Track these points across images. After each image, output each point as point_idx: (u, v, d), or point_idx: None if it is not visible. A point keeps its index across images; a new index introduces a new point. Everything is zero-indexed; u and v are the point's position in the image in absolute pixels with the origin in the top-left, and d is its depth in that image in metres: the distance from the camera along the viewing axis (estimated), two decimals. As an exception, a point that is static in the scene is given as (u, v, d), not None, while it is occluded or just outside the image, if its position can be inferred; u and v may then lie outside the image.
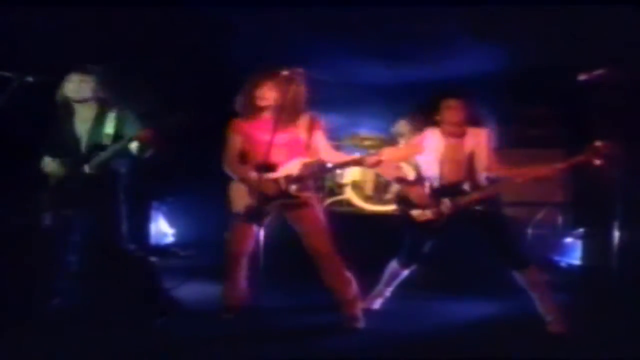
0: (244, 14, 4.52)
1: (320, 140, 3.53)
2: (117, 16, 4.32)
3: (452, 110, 3.57)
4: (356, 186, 5.61)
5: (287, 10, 4.36)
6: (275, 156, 3.35)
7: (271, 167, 3.35)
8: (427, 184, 3.64)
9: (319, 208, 3.57)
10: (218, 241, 5.73)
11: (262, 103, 3.43)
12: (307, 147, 3.49)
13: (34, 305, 3.45)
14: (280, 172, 3.42)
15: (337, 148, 4.30)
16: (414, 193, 3.63)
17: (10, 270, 3.51)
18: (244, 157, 3.56)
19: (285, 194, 3.41)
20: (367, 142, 5.76)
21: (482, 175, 3.59)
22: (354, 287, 3.52)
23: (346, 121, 6.05)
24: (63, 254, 3.60)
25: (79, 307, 3.58)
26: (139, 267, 3.70)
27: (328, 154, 3.57)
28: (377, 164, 3.43)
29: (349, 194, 5.57)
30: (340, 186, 5.63)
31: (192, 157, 5.37)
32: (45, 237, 3.52)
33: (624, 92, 4.92)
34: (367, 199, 5.57)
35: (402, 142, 5.50)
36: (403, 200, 3.72)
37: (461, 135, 3.60)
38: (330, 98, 4.00)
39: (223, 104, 3.66)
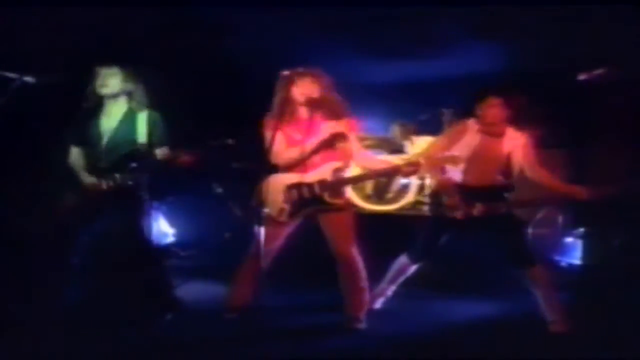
0: (244, 14, 4.52)
1: (356, 144, 3.51)
2: (117, 16, 4.32)
3: (493, 109, 3.49)
4: (356, 186, 5.60)
5: (288, 10, 4.36)
6: (311, 159, 3.36)
7: (303, 169, 3.36)
8: (459, 185, 3.54)
9: (352, 214, 3.56)
10: (219, 241, 5.77)
11: (298, 102, 3.41)
12: (343, 151, 3.46)
13: (42, 304, 3.45)
14: (314, 176, 3.42)
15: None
16: (448, 196, 3.52)
17: (20, 270, 3.51)
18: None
19: (319, 200, 3.42)
20: (366, 142, 5.75)
21: (515, 179, 3.53)
22: (366, 296, 3.54)
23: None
24: (74, 253, 3.59)
25: (86, 306, 3.58)
26: (155, 268, 3.69)
27: (363, 159, 3.58)
28: (414, 173, 3.43)
29: (349, 194, 5.56)
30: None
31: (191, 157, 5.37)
32: (54, 237, 3.50)
33: (624, 92, 4.93)
34: (367, 198, 5.56)
35: (407, 145, 5.52)
36: (435, 197, 3.65)
37: (500, 135, 3.52)
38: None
39: (222, 105, 3.67)
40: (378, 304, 3.88)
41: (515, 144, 3.54)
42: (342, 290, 3.50)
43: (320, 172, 3.43)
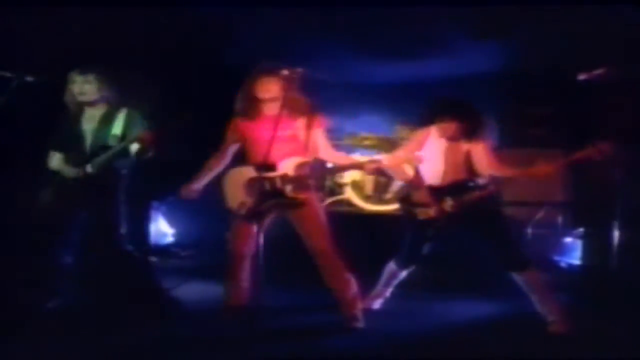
0: (244, 14, 4.51)
1: (320, 139, 3.50)
2: (117, 16, 4.32)
3: (444, 129, 3.56)
4: (356, 186, 5.61)
5: (287, 10, 4.36)
6: (274, 155, 3.33)
7: (270, 166, 3.34)
8: (428, 184, 3.63)
9: (319, 208, 3.55)
10: (218, 241, 5.76)
11: (262, 100, 3.42)
12: (306, 145, 3.44)
13: (33, 305, 3.45)
14: (277, 171, 3.40)
15: (337, 148, 4.29)
16: (418, 194, 3.62)
17: (10, 269, 3.51)
18: (244, 156, 3.56)
19: (281, 194, 3.40)
20: (366, 142, 5.76)
21: (483, 175, 3.58)
22: (354, 287, 3.52)
23: (346, 121, 6.05)
24: (62, 253, 3.60)
25: (77, 307, 3.58)
26: (137, 267, 3.71)
27: (328, 153, 3.56)
28: (376, 170, 3.44)
29: (349, 194, 5.57)
30: (340, 186, 5.63)
31: (192, 157, 5.37)
32: (45, 236, 3.52)
33: (624, 92, 4.92)
34: (367, 198, 5.57)
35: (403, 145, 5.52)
36: (405, 199, 3.72)
37: (457, 139, 3.58)
38: (330, 98, 3.99)
39: (224, 104, 3.66)
40: (377, 304, 3.89)
41: (473, 146, 3.58)
42: (330, 288, 3.48)
43: (284, 166, 3.40)
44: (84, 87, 3.55)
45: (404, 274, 3.83)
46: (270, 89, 3.39)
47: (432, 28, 4.72)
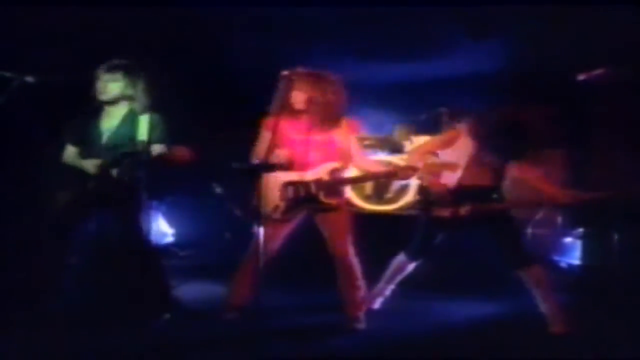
0: (244, 14, 4.51)
1: (354, 145, 3.52)
2: (118, 16, 4.32)
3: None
4: (356, 186, 5.60)
5: (287, 10, 4.36)
6: (309, 159, 3.36)
7: (304, 171, 3.37)
8: (449, 184, 3.57)
9: (348, 214, 3.58)
10: (218, 241, 5.77)
11: (298, 104, 3.41)
12: (342, 152, 3.48)
13: (41, 304, 3.44)
14: (311, 175, 3.42)
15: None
16: (436, 192, 3.57)
17: (18, 269, 3.51)
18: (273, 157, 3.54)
19: (314, 199, 3.42)
20: (366, 142, 5.76)
21: (506, 183, 3.54)
22: (363, 292, 3.56)
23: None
24: (74, 252, 3.58)
25: (86, 306, 3.57)
26: (154, 267, 3.69)
27: (362, 161, 3.58)
28: (412, 175, 3.45)
29: (349, 194, 5.56)
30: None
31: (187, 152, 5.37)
32: (57, 235, 3.50)
33: (624, 92, 4.92)
34: (367, 198, 5.56)
35: (407, 145, 5.52)
36: (424, 192, 3.68)
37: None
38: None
39: (224, 104, 3.66)
40: (377, 303, 3.88)
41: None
42: (339, 289, 3.51)
43: (317, 171, 3.44)
44: (107, 86, 3.50)
45: (410, 268, 3.80)
46: (306, 94, 3.38)
47: (432, 28, 4.72)
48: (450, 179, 3.60)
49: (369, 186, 5.61)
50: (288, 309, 3.83)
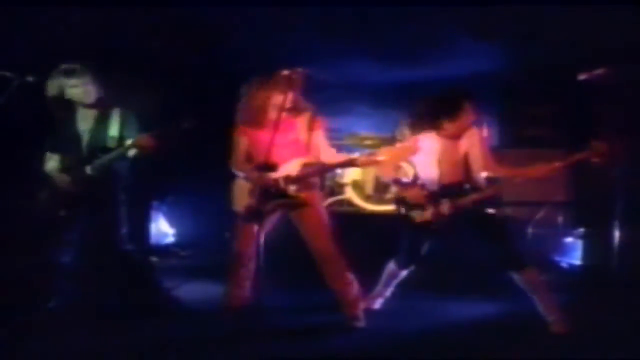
0: (244, 14, 4.51)
1: (320, 140, 3.52)
2: (116, 16, 4.32)
3: (470, 112, 3.51)
4: (356, 186, 5.61)
5: (287, 10, 4.36)
6: (277, 156, 3.35)
7: (272, 167, 3.35)
8: (424, 185, 3.61)
9: (321, 208, 3.57)
10: (218, 241, 5.77)
11: (265, 107, 3.41)
12: (308, 147, 3.49)
13: (32, 306, 3.45)
14: (280, 172, 3.42)
15: (337, 148, 4.29)
16: (411, 194, 3.59)
17: (10, 270, 3.51)
18: (249, 159, 3.57)
19: (284, 194, 3.41)
20: (367, 142, 5.76)
21: (480, 176, 3.56)
22: (356, 287, 3.53)
23: (346, 121, 6.05)
24: (62, 253, 3.60)
25: (76, 307, 3.58)
26: (137, 267, 3.71)
27: (326, 153, 3.57)
28: (370, 163, 3.44)
29: (349, 194, 5.57)
30: (341, 186, 5.64)
31: (192, 157, 5.38)
32: (43, 237, 3.52)
33: (624, 92, 4.93)
34: (367, 198, 5.57)
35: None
36: (401, 201, 3.70)
37: (457, 136, 3.56)
38: (330, 98, 4.00)
39: (222, 105, 3.67)
40: (377, 304, 3.89)
41: (471, 144, 3.55)
42: (331, 288, 3.49)
43: (287, 167, 3.44)
44: (84, 90, 3.52)
45: (403, 273, 3.82)
46: (272, 96, 3.38)
47: (432, 28, 4.72)
48: (424, 179, 3.62)
49: (369, 186, 5.62)
50: (288, 309, 3.83)
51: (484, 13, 4.35)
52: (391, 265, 3.83)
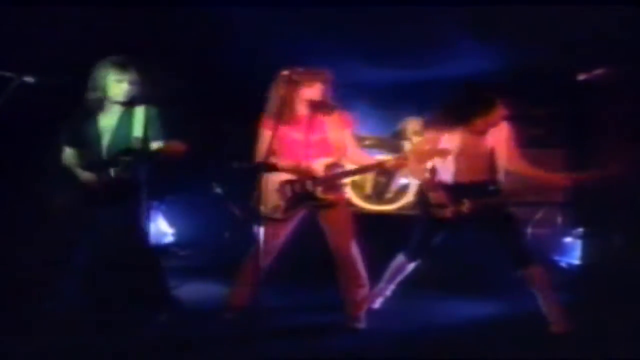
0: (244, 14, 4.51)
1: (348, 140, 3.53)
2: (117, 16, 4.32)
3: (501, 109, 3.48)
4: (356, 185, 5.61)
5: (287, 10, 4.36)
6: (305, 157, 3.37)
7: (300, 168, 3.37)
8: (446, 184, 3.56)
9: (348, 209, 3.60)
10: (218, 241, 5.77)
11: (296, 104, 3.42)
12: (335, 146, 3.49)
13: (42, 305, 3.45)
14: (307, 173, 3.42)
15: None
16: (434, 195, 3.54)
17: (21, 269, 3.51)
18: (272, 154, 3.50)
19: (312, 196, 3.43)
20: (367, 142, 5.76)
21: (502, 175, 3.53)
22: (366, 290, 3.57)
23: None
24: (77, 252, 3.59)
25: (86, 306, 3.57)
26: (153, 267, 3.68)
27: (355, 154, 3.58)
28: (400, 166, 3.45)
29: (349, 193, 5.57)
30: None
31: (191, 156, 5.37)
32: (61, 236, 3.50)
33: (624, 92, 4.93)
34: (367, 198, 5.57)
35: (408, 142, 5.51)
36: (422, 198, 3.66)
37: (484, 132, 3.52)
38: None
39: (221, 104, 3.66)
40: (377, 303, 3.88)
41: (498, 139, 3.53)
42: (340, 288, 3.51)
43: (313, 168, 3.45)
44: (120, 88, 3.44)
45: (410, 267, 3.79)
46: (301, 92, 3.39)
47: (432, 28, 4.72)
48: (446, 176, 3.59)
49: (368, 186, 5.62)
50: (288, 309, 3.83)
51: (484, 13, 4.35)
52: (399, 259, 3.79)
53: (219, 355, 3.12)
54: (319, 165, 3.45)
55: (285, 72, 3.35)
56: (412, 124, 5.72)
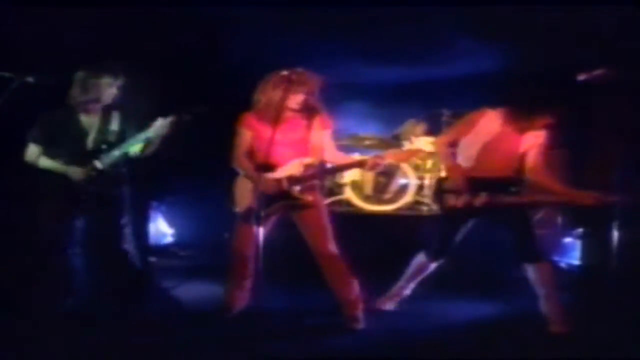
0: (244, 14, 4.51)
1: (327, 141, 3.52)
2: (117, 16, 4.32)
3: (550, 115, 3.44)
4: (356, 186, 5.60)
5: (288, 10, 4.36)
6: (281, 155, 3.35)
7: (274, 167, 3.35)
8: (469, 172, 3.50)
9: (324, 209, 3.56)
10: (218, 241, 5.76)
11: (277, 103, 3.39)
12: (313, 147, 3.48)
13: (37, 305, 3.45)
14: (282, 172, 3.41)
15: (337, 148, 4.29)
16: (452, 179, 3.50)
17: (21, 270, 3.52)
18: (251, 154, 3.54)
19: (287, 195, 3.41)
20: (367, 142, 5.76)
21: (526, 178, 3.48)
22: (356, 288, 3.53)
23: (346, 121, 6.05)
24: (72, 253, 3.60)
25: (79, 306, 3.58)
26: (138, 267, 3.70)
27: (332, 154, 3.57)
28: (377, 166, 3.43)
29: (349, 194, 5.57)
30: (340, 186, 5.63)
31: (191, 157, 5.37)
32: (48, 236, 3.51)
33: (624, 92, 4.92)
34: (367, 198, 5.56)
35: (406, 144, 5.51)
36: (440, 190, 3.62)
37: (523, 132, 3.46)
38: (330, 98, 4.00)
39: (221, 104, 3.66)
40: (392, 305, 3.85)
41: (532, 144, 3.48)
42: (332, 289, 3.50)
43: (289, 167, 3.43)
44: (109, 91, 3.53)
45: (432, 267, 3.75)
46: (286, 93, 3.34)
47: (432, 28, 4.72)
48: (470, 164, 3.53)
49: (368, 186, 5.61)
50: (288, 309, 3.83)
51: (484, 13, 4.35)
52: (420, 258, 3.75)
53: (219, 355, 3.12)
54: (295, 165, 3.43)
55: (284, 73, 3.35)
56: (411, 125, 5.72)
